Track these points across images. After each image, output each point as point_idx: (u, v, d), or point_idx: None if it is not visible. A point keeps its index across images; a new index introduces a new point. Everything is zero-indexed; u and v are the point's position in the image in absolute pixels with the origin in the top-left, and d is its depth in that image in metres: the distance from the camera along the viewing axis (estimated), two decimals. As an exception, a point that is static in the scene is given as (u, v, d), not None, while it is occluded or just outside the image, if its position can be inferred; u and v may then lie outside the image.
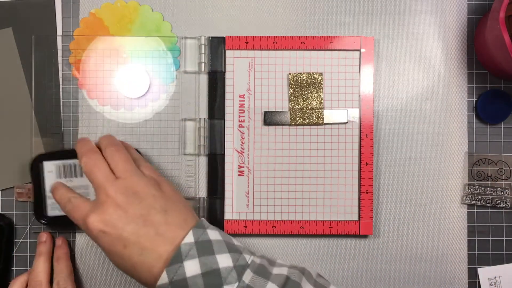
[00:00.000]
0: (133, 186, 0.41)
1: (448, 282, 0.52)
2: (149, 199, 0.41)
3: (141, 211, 0.40)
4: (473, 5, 0.53)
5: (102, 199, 0.41)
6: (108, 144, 0.44)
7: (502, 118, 0.52)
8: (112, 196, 0.40)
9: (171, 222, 0.40)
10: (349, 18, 0.53)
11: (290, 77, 0.52)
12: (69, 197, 0.43)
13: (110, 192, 0.40)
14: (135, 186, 0.41)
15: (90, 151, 0.44)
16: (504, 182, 0.52)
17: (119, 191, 0.41)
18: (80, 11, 0.53)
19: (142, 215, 0.40)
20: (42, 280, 0.48)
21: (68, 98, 0.52)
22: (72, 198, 0.43)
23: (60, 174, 0.49)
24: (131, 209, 0.40)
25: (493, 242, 0.52)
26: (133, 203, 0.40)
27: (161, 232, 0.39)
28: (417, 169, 0.53)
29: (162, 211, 0.40)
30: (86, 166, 0.43)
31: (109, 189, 0.41)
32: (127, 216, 0.40)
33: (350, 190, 0.52)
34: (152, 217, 0.40)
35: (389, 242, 0.52)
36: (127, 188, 0.41)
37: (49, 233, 0.51)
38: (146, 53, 0.52)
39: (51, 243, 0.51)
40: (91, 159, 0.43)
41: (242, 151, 0.52)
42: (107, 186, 0.41)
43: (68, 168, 0.49)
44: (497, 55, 0.47)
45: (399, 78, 0.53)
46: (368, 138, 0.52)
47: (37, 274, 0.49)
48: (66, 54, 0.52)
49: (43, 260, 0.50)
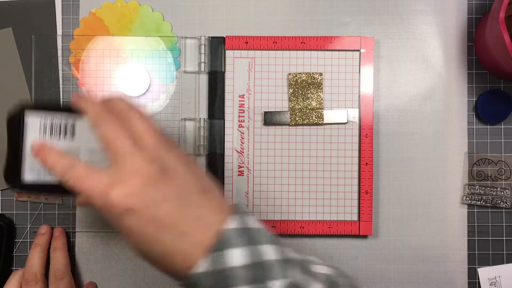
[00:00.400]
0: (163, 159, 0.34)
1: (448, 282, 0.52)
2: (182, 177, 0.35)
3: (176, 189, 0.34)
4: (473, 5, 0.53)
5: (128, 170, 0.33)
6: (131, 109, 0.37)
7: (502, 118, 0.52)
8: (141, 168, 0.33)
9: (208, 205, 0.34)
10: (349, 18, 0.53)
11: (290, 77, 0.52)
12: (71, 163, 0.35)
13: (138, 163, 0.33)
14: (166, 159, 0.35)
15: (108, 112, 0.36)
16: (504, 182, 0.52)
17: (149, 162, 0.34)
18: (80, 11, 0.53)
19: (178, 194, 0.33)
20: (36, 272, 0.47)
21: (68, 97, 0.52)
22: (76, 164, 0.35)
23: (45, 132, 0.40)
24: (165, 186, 0.33)
25: (493, 242, 0.52)
26: (166, 179, 0.34)
27: (201, 216, 0.33)
28: (417, 169, 0.53)
29: (199, 192, 0.35)
30: (107, 130, 0.35)
31: (138, 159, 0.33)
32: (161, 193, 0.33)
33: (350, 190, 0.52)
34: (189, 197, 0.34)
35: (389, 242, 0.52)
36: (157, 160, 0.34)
37: (49, 226, 0.51)
38: (146, 53, 0.52)
39: (49, 236, 0.51)
40: (111, 122, 0.35)
41: (241, 151, 0.52)
42: (135, 155, 0.34)
43: (56, 126, 0.40)
44: (497, 55, 0.47)
45: (399, 78, 0.53)
46: (368, 138, 0.52)
47: (31, 265, 0.48)
48: (66, 54, 0.53)
49: (38, 251, 0.49)
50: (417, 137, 0.53)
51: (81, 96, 0.38)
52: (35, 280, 0.47)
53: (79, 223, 0.52)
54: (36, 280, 0.47)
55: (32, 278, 0.47)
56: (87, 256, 0.52)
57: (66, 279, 0.48)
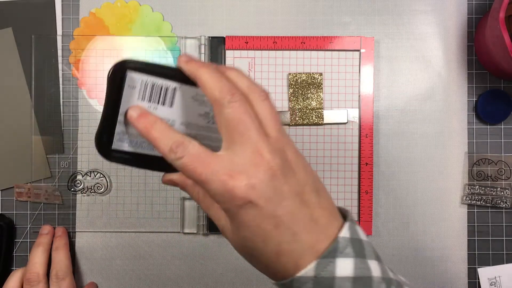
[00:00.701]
0: (285, 151, 0.32)
1: (448, 282, 0.52)
2: (301, 173, 0.32)
3: (297, 186, 0.31)
4: (473, 5, 0.53)
5: (253, 160, 0.30)
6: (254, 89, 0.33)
7: (502, 118, 0.52)
8: (267, 159, 0.30)
9: (324, 206, 0.32)
10: (349, 18, 0.53)
11: (290, 77, 0.52)
12: (181, 140, 0.31)
13: (265, 153, 0.30)
14: (287, 151, 0.32)
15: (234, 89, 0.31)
16: (504, 182, 0.52)
17: (275, 154, 0.31)
18: (80, 11, 0.53)
19: (298, 192, 0.31)
20: (39, 272, 0.47)
21: (68, 97, 0.52)
22: (187, 143, 0.31)
23: (144, 95, 0.34)
24: (288, 182, 0.31)
25: (493, 242, 0.52)
26: (288, 174, 0.31)
27: (316, 217, 0.31)
28: (417, 169, 0.53)
29: (315, 191, 0.32)
30: (235, 110, 0.31)
31: (264, 148, 0.30)
32: (284, 189, 0.31)
33: (350, 191, 0.52)
34: (307, 196, 0.31)
35: (389, 242, 0.52)
36: (281, 152, 0.31)
37: (51, 226, 0.51)
38: (146, 53, 0.52)
39: (52, 236, 0.51)
40: (241, 101, 0.31)
41: (242, 151, 0.52)
42: (262, 143, 0.31)
43: (157, 89, 0.34)
44: (497, 55, 0.47)
45: (399, 78, 0.53)
46: (368, 138, 0.52)
47: (33, 265, 0.47)
48: (66, 54, 0.53)
49: (41, 251, 0.48)
50: (417, 137, 0.53)
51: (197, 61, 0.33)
52: (37, 280, 0.47)
53: (79, 223, 0.52)
54: (38, 280, 0.47)
55: (34, 278, 0.47)
56: (87, 256, 0.52)
57: (68, 279, 0.48)
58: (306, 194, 0.31)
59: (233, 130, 0.31)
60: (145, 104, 0.34)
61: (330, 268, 0.30)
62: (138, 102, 0.34)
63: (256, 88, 0.33)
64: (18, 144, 0.52)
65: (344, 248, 0.30)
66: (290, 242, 0.30)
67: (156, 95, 0.34)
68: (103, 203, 0.52)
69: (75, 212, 0.52)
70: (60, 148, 0.52)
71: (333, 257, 0.30)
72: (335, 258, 0.30)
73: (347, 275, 0.30)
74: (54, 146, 0.52)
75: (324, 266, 0.30)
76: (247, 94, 0.32)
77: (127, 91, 0.33)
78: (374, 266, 0.31)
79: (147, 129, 0.32)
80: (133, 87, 0.34)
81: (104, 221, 0.52)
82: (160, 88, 0.34)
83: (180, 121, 0.35)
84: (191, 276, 0.53)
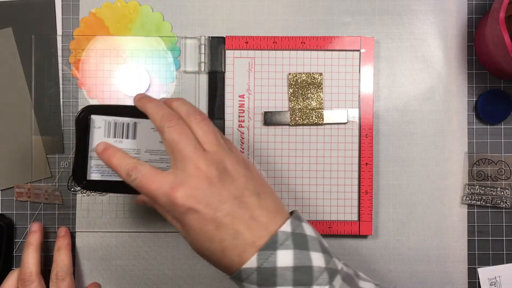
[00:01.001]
0: (223, 162, 0.37)
1: (448, 282, 0.52)
2: (240, 179, 0.37)
3: (235, 191, 0.36)
4: (473, 5, 0.53)
5: (191, 172, 0.36)
6: (192, 112, 0.39)
7: (502, 118, 0.52)
8: (204, 170, 0.36)
9: (264, 207, 0.37)
10: (349, 18, 0.53)
11: (290, 77, 0.52)
12: (135, 164, 0.38)
13: (201, 166, 0.36)
14: (225, 162, 0.37)
15: (172, 115, 0.38)
16: (504, 182, 0.52)
17: (211, 165, 0.36)
18: (80, 11, 0.53)
19: (237, 196, 0.36)
20: (32, 271, 0.47)
21: (68, 97, 0.52)
22: (140, 166, 0.37)
23: (109, 133, 0.43)
24: (225, 188, 0.36)
25: (493, 242, 0.52)
26: (226, 181, 0.36)
27: (256, 216, 0.36)
28: (417, 169, 0.53)
29: (255, 194, 0.37)
30: (170, 133, 0.37)
31: (200, 162, 0.36)
32: (222, 195, 0.36)
33: (350, 191, 0.52)
34: (247, 199, 0.36)
35: (389, 242, 0.52)
36: (218, 163, 0.37)
37: (39, 224, 0.51)
38: (146, 53, 0.52)
39: (40, 233, 0.50)
40: (176, 124, 0.37)
41: (242, 151, 0.52)
42: (198, 158, 0.36)
43: (119, 126, 0.43)
44: (497, 55, 0.47)
45: (399, 78, 0.53)
46: (368, 138, 0.52)
47: (26, 265, 0.48)
48: (66, 54, 0.53)
49: (31, 251, 0.49)
50: (417, 137, 0.53)
51: (146, 97, 0.40)
52: (31, 279, 0.47)
53: (79, 223, 0.52)
54: (32, 280, 0.47)
55: (27, 278, 0.47)
56: (87, 256, 0.52)
57: (68, 279, 0.48)
58: (245, 197, 0.36)
59: (174, 150, 0.37)
60: (111, 140, 0.42)
61: (272, 259, 0.34)
62: (105, 139, 0.42)
63: (194, 112, 0.39)
64: (18, 144, 0.52)
65: (284, 241, 0.35)
66: (233, 240, 0.35)
67: (119, 131, 0.43)
68: (103, 203, 0.52)
69: (75, 212, 0.52)
70: (60, 148, 0.52)
71: (273, 249, 0.34)
72: (276, 250, 0.34)
73: (287, 265, 0.34)
74: (54, 146, 0.52)
75: (265, 258, 0.34)
76: (186, 118, 0.38)
77: (94, 131, 0.42)
78: (317, 257, 0.35)
79: (109, 159, 0.39)
80: (99, 127, 0.42)
81: (104, 221, 0.52)
82: (122, 125, 0.43)
83: (145, 149, 0.43)
84: (191, 276, 0.53)
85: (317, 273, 0.34)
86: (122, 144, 0.43)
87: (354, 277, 0.37)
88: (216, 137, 0.38)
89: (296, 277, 0.34)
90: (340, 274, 0.35)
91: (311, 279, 0.34)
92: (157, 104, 0.39)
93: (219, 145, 0.38)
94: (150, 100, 0.40)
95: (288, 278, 0.34)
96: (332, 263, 0.36)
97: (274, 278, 0.34)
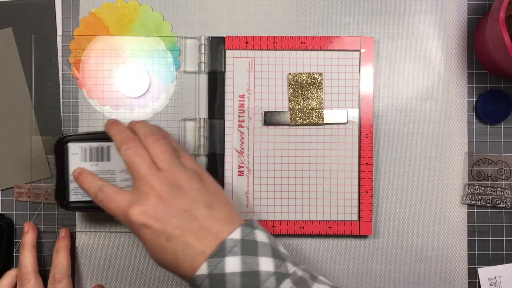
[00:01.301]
0: (176, 179, 0.40)
1: (448, 282, 0.52)
2: (193, 193, 0.40)
3: (185, 205, 0.39)
4: (473, 5, 0.53)
5: (145, 191, 0.39)
6: (149, 133, 0.42)
7: (502, 118, 0.52)
8: (156, 188, 0.39)
9: (216, 217, 0.39)
10: (349, 18, 0.53)
11: (290, 77, 0.52)
12: (100, 186, 0.42)
13: (154, 184, 0.39)
14: (179, 178, 0.40)
15: (129, 138, 0.42)
16: (504, 182, 0.52)
17: (163, 183, 0.39)
18: (80, 11, 0.53)
19: (187, 209, 0.39)
20: (29, 271, 0.48)
21: (68, 98, 0.52)
22: (105, 187, 0.41)
23: (85, 157, 0.47)
24: (175, 203, 0.39)
25: (493, 242, 0.52)
26: (177, 196, 0.39)
27: (206, 227, 0.38)
28: (417, 169, 0.53)
29: (207, 206, 0.40)
30: (127, 155, 0.41)
31: (152, 181, 0.39)
32: (172, 209, 0.39)
33: (350, 190, 0.52)
34: (197, 211, 0.39)
35: (389, 242, 0.52)
36: (170, 180, 0.40)
37: (32, 224, 0.51)
38: (146, 53, 0.52)
39: (34, 233, 0.51)
40: (132, 147, 0.41)
41: (242, 151, 0.52)
42: (151, 177, 0.39)
43: (94, 151, 0.47)
44: (497, 55, 0.47)
45: (399, 78, 0.53)
46: (368, 138, 0.52)
47: (23, 265, 0.49)
48: (66, 54, 0.53)
49: (26, 251, 0.49)
50: (417, 137, 0.53)
51: (113, 122, 0.44)
52: (28, 278, 0.48)
53: (79, 223, 0.52)
54: (29, 279, 0.48)
55: (25, 277, 0.48)
56: (87, 256, 0.52)
57: (65, 281, 0.49)
58: (195, 210, 0.39)
59: (131, 170, 0.40)
60: (88, 163, 0.47)
61: (221, 265, 0.36)
62: (82, 163, 0.47)
63: (152, 133, 0.42)
64: (18, 144, 0.52)
65: (232, 247, 0.37)
66: (183, 250, 0.38)
67: (94, 155, 0.47)
68: (103, 203, 0.52)
69: (75, 212, 0.52)
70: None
71: (222, 256, 0.37)
72: (224, 257, 0.36)
73: (235, 270, 0.36)
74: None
75: (215, 265, 0.36)
76: (144, 140, 0.42)
77: (72, 157, 0.47)
78: (265, 263, 0.37)
79: (81, 183, 0.43)
80: (76, 153, 0.47)
81: (104, 221, 0.52)
82: (97, 149, 0.47)
83: (119, 169, 0.47)
84: (191, 276, 0.53)
85: (264, 277, 0.36)
86: (98, 166, 0.47)
87: (308, 280, 0.38)
88: (170, 156, 0.41)
89: (244, 281, 0.36)
90: (290, 278, 0.37)
91: (258, 283, 0.36)
92: (119, 128, 0.43)
93: (172, 163, 0.41)
94: (115, 124, 0.44)
95: (237, 283, 0.36)
96: (284, 267, 0.37)
97: (223, 283, 0.36)
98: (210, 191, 0.41)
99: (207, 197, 0.40)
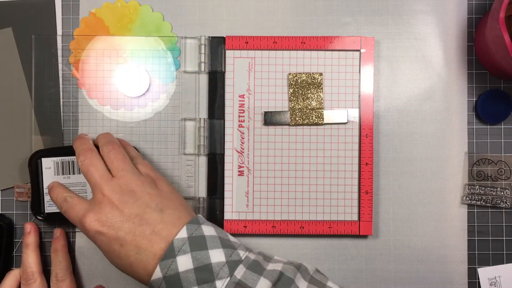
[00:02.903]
0: (128, 185, 0.41)
1: (448, 282, 0.52)
2: (144, 198, 0.41)
3: (137, 210, 0.40)
4: (473, 5, 0.53)
5: (98, 199, 0.41)
6: (105, 143, 0.45)
7: (502, 118, 0.52)
8: (107, 196, 0.41)
9: (167, 221, 0.40)
10: (349, 18, 0.53)
11: (290, 77, 0.52)
12: (65, 197, 0.44)
13: (105, 192, 0.41)
14: (131, 184, 0.42)
15: (87, 149, 0.44)
16: (504, 182, 0.52)
17: (114, 190, 0.41)
18: (80, 11, 0.53)
19: (138, 214, 0.40)
20: (34, 271, 0.48)
21: (68, 98, 0.52)
22: (68, 198, 0.43)
23: (58, 171, 0.49)
24: (126, 208, 0.40)
25: (493, 242, 0.52)
26: (128, 202, 0.41)
27: (157, 231, 0.40)
28: (417, 169, 0.53)
29: (158, 210, 0.41)
30: (82, 165, 0.43)
31: (104, 188, 0.41)
32: (123, 215, 0.40)
33: (350, 190, 0.52)
34: (148, 215, 0.40)
35: (389, 242, 0.52)
36: (122, 187, 0.41)
37: (33, 224, 0.51)
38: (146, 53, 0.52)
39: (36, 233, 0.51)
40: (87, 158, 0.43)
41: (242, 151, 0.52)
42: (103, 185, 0.41)
43: (66, 164, 0.49)
44: (497, 55, 0.47)
45: (399, 78, 0.53)
46: (368, 138, 0.52)
47: (28, 265, 0.49)
48: (66, 54, 0.53)
49: (30, 251, 0.49)
50: (417, 137, 0.53)
51: (78, 137, 0.47)
52: (33, 278, 0.48)
53: (79, 223, 0.52)
54: (34, 278, 0.48)
55: (30, 277, 0.48)
56: (87, 256, 0.52)
57: (67, 280, 0.49)
58: (147, 214, 0.40)
59: (88, 180, 0.42)
60: (61, 176, 0.49)
61: (173, 266, 0.37)
62: (56, 177, 0.49)
63: (108, 143, 0.44)
64: (18, 144, 0.52)
65: (181, 246, 0.38)
66: (136, 255, 0.39)
67: (66, 168, 0.49)
68: (103, 203, 0.52)
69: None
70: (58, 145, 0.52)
71: (173, 257, 0.38)
72: (175, 257, 0.38)
73: (188, 267, 0.37)
74: (54, 146, 0.52)
75: (167, 267, 0.37)
76: (101, 148, 0.44)
77: (46, 172, 0.49)
78: (216, 254, 0.38)
79: (51, 194, 0.45)
80: (49, 167, 0.49)
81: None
82: (68, 163, 0.50)
83: None
84: (191, 276, 0.53)
85: (217, 268, 0.37)
86: (70, 179, 0.49)
87: (262, 262, 0.40)
88: (124, 162, 0.43)
89: (198, 276, 0.37)
90: (242, 263, 0.39)
91: (212, 276, 0.37)
92: (81, 141, 0.45)
93: (125, 169, 0.42)
94: (79, 138, 0.46)
95: (192, 279, 0.37)
96: (235, 254, 0.39)
97: (179, 282, 0.37)
98: (163, 195, 0.42)
99: (159, 201, 0.41)
